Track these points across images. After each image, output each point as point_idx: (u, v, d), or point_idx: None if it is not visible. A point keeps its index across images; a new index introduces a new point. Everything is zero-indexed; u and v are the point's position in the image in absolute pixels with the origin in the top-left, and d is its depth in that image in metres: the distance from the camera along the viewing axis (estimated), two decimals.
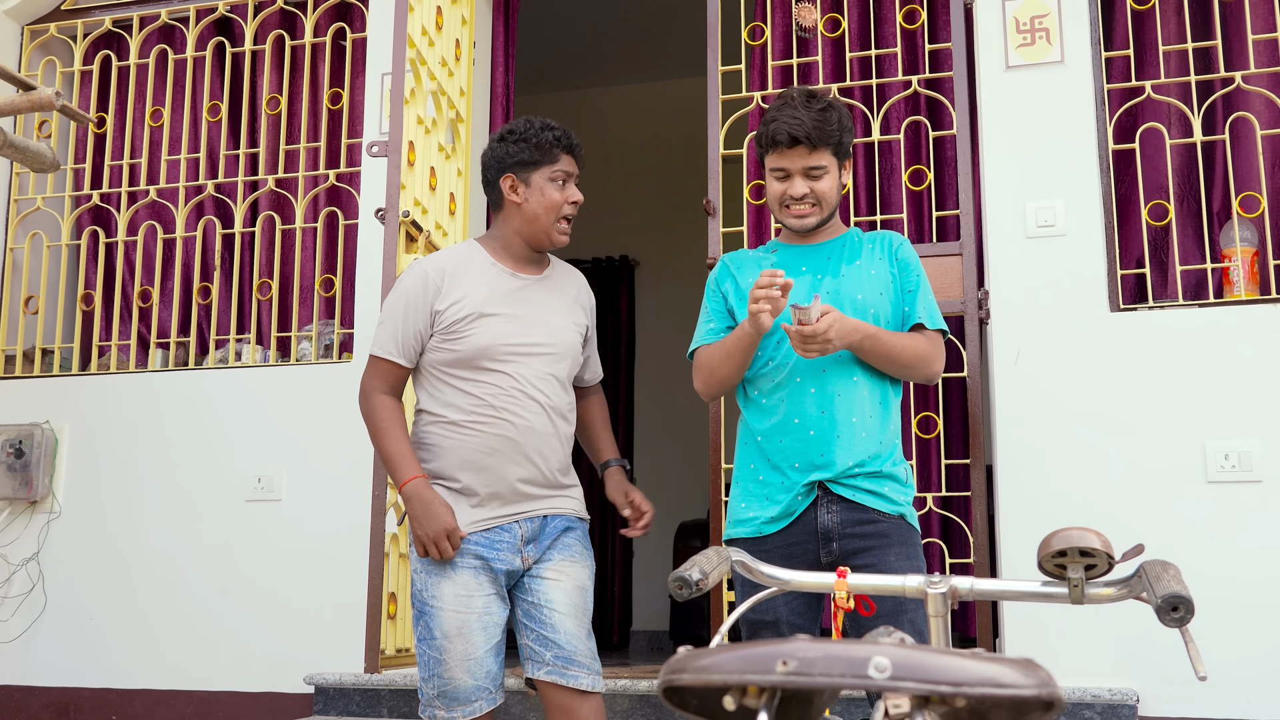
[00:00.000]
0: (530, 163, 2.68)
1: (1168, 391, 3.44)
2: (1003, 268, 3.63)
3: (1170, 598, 1.27)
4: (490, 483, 2.60)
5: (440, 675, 2.55)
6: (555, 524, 2.68)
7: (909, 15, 4.04)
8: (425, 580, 2.59)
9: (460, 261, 2.71)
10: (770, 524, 2.47)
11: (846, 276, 2.52)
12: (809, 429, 2.44)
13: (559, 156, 2.69)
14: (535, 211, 2.69)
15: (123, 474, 4.26)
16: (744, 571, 1.55)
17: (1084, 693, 3.26)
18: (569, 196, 2.71)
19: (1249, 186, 3.70)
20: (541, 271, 2.78)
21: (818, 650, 0.80)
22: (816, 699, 0.96)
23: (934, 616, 1.48)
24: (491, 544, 2.60)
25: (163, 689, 4.08)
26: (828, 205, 2.53)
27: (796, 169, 2.49)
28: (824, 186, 2.50)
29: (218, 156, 4.62)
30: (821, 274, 2.54)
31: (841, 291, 2.50)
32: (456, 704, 2.55)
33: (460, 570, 2.57)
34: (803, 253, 2.59)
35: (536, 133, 2.69)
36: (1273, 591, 3.27)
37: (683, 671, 0.84)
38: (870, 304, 2.50)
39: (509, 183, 2.71)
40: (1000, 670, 0.79)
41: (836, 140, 2.48)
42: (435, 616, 2.56)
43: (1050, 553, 1.44)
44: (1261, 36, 3.68)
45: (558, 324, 2.72)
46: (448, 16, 3.96)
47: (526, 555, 2.63)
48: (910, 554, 2.45)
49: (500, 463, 2.60)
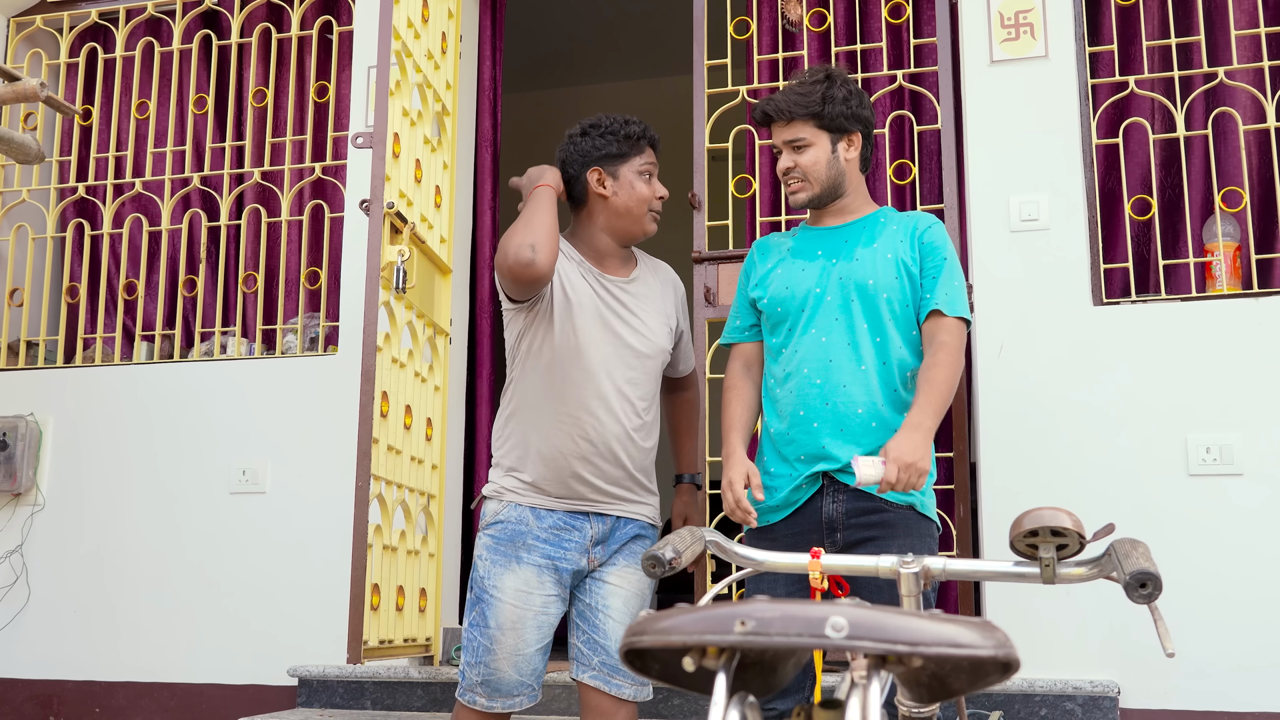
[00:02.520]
0: (618, 155, 2.64)
1: (1150, 385, 3.45)
2: (986, 262, 3.64)
3: (1138, 574, 1.28)
4: (562, 480, 2.58)
5: (487, 664, 2.53)
6: (627, 528, 2.64)
7: (894, 10, 4.05)
8: (489, 569, 2.57)
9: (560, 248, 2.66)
10: (773, 513, 2.46)
11: (860, 260, 2.48)
12: (813, 421, 2.42)
13: (644, 149, 2.66)
14: (626, 204, 2.65)
15: (107, 466, 4.25)
16: (718, 552, 1.55)
17: (1065, 685, 3.27)
18: (656, 191, 2.68)
19: (1231, 181, 3.71)
20: (629, 273, 2.73)
21: (775, 610, 0.80)
22: (781, 664, 0.96)
23: (906, 596, 1.49)
24: (560, 542, 2.57)
25: (146, 681, 4.07)
26: (816, 180, 2.50)
27: (781, 143, 2.50)
28: (806, 160, 2.48)
29: (203, 149, 4.62)
30: (835, 258, 2.50)
31: (852, 275, 2.47)
32: (498, 695, 2.53)
33: (525, 565, 2.55)
34: (821, 236, 2.57)
35: (622, 125, 2.65)
36: (1252, 584, 3.29)
37: (643, 634, 0.85)
38: (882, 288, 2.44)
39: (596, 176, 2.66)
40: (957, 631, 0.80)
41: (815, 111, 2.45)
42: (493, 606, 2.54)
43: (1022, 532, 1.45)
44: (1244, 32, 3.69)
45: (648, 325, 2.68)
46: (434, 10, 3.96)
47: (593, 556, 2.60)
48: (915, 545, 2.36)
49: (578, 462, 2.58)
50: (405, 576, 3.59)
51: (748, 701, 0.85)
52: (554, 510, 2.59)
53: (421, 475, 3.70)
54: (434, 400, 3.80)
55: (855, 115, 2.51)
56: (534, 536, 2.56)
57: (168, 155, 4.57)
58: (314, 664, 3.84)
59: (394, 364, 3.48)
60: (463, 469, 4.30)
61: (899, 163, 3.99)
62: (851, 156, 2.54)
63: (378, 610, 3.49)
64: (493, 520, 2.62)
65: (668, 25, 6.39)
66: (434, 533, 3.82)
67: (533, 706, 2.62)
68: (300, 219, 4.41)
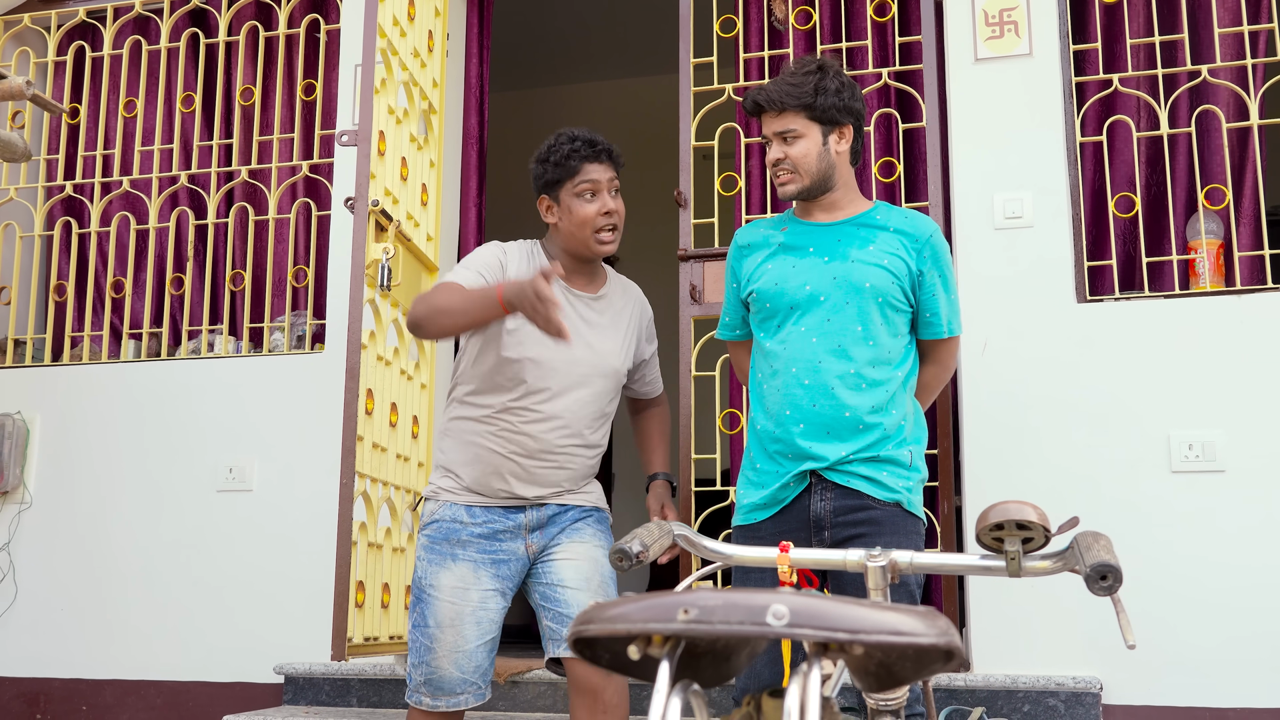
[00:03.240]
0: (554, 181, 2.64)
1: (1133, 382, 3.46)
2: (971, 259, 3.64)
3: (1098, 566, 1.29)
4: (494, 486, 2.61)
5: (429, 663, 2.55)
6: (568, 514, 2.66)
7: (880, 8, 4.06)
8: (426, 568, 2.59)
9: (527, 257, 2.69)
10: (760, 510, 2.46)
11: (855, 262, 2.44)
12: (800, 421, 2.41)
13: (579, 168, 2.61)
14: (569, 229, 2.64)
15: (94, 464, 4.25)
16: (686, 545, 1.56)
17: (1048, 681, 3.28)
18: (601, 208, 2.62)
19: (1215, 179, 3.73)
20: (597, 290, 2.72)
21: (718, 599, 0.81)
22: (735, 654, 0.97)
23: (874, 590, 1.50)
24: (494, 536, 2.59)
25: (133, 679, 4.08)
26: (806, 172, 2.46)
27: (771, 134, 2.48)
28: (796, 151, 2.45)
29: (191, 147, 4.62)
30: (830, 257, 2.46)
31: (850, 278, 2.43)
32: (441, 694, 2.55)
33: (461, 562, 2.57)
34: (813, 232, 2.52)
35: (558, 147, 2.63)
36: (1234, 580, 3.30)
37: (590, 622, 0.85)
38: (879, 291, 2.42)
39: (545, 204, 2.69)
40: (899, 619, 0.80)
41: (808, 103, 2.43)
42: (431, 604, 2.56)
43: (988, 526, 1.45)
44: (1227, 30, 3.70)
45: (605, 348, 2.68)
46: (420, 8, 3.96)
47: (531, 542, 2.61)
48: (902, 543, 2.37)
49: (511, 470, 2.60)
50: (390, 573, 3.59)
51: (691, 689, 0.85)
52: (489, 508, 2.61)
53: (407, 472, 3.71)
54: (420, 398, 3.81)
55: (847, 107, 2.48)
56: (468, 533, 2.58)
57: (155, 153, 4.57)
58: (300, 661, 3.84)
59: (379, 361, 3.49)
60: None
61: (885, 160, 4.00)
62: (842, 149, 2.50)
63: (362, 607, 3.49)
64: (429, 520, 2.66)
65: (655, 24, 6.40)
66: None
67: (516, 702, 2.63)
68: (288, 217, 4.42)
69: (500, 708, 3.62)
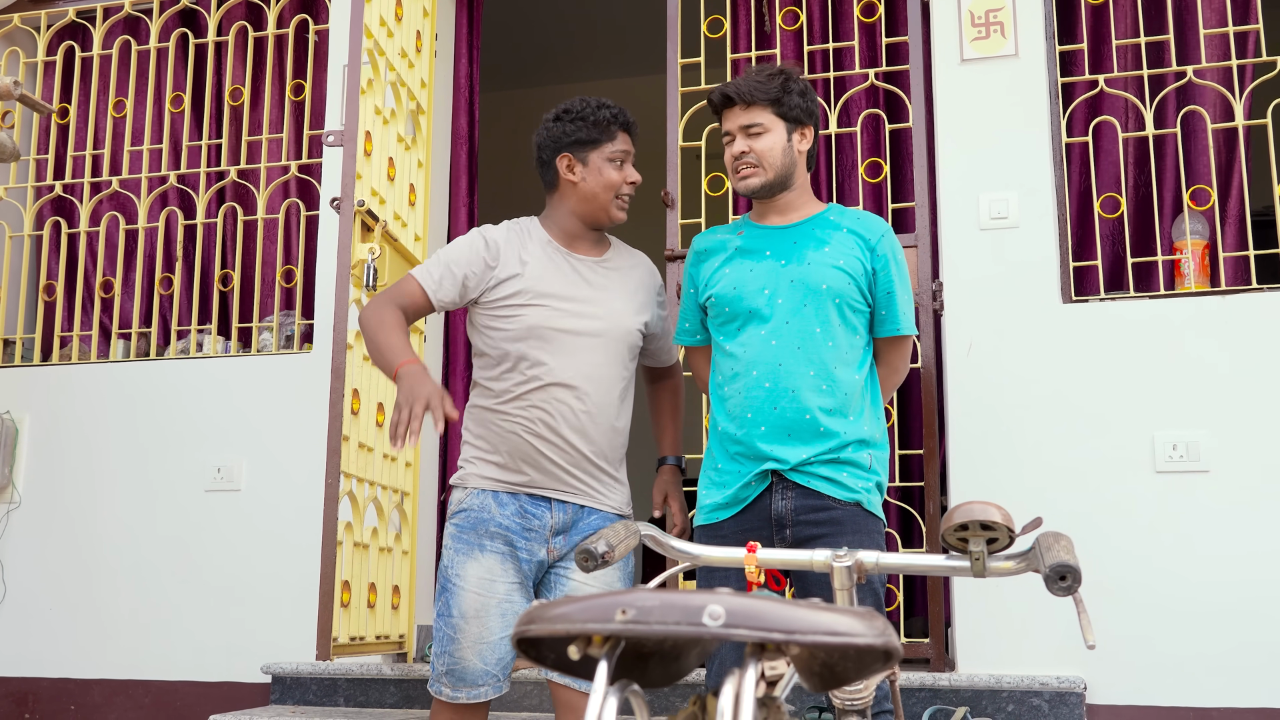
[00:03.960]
0: (588, 141, 2.65)
1: (1118, 382, 3.47)
2: (957, 259, 3.65)
3: (1057, 567, 1.29)
4: (520, 461, 2.58)
5: (451, 654, 2.54)
6: (591, 519, 2.62)
7: (867, 9, 4.06)
8: (453, 557, 2.58)
9: (520, 237, 2.68)
10: (721, 510, 2.48)
11: (812, 264, 2.47)
12: (760, 424, 2.43)
13: (616, 135, 2.66)
14: (594, 190, 2.65)
15: (83, 464, 4.26)
16: (653, 545, 1.56)
17: (1032, 680, 3.29)
18: (627, 176, 2.68)
19: (1200, 180, 3.73)
20: (601, 254, 2.73)
21: (655, 599, 0.81)
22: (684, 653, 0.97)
23: (839, 590, 1.50)
24: (522, 530, 2.57)
25: (121, 679, 4.08)
26: (770, 166, 2.49)
27: (735, 128, 2.51)
28: (762, 145, 2.48)
29: (181, 147, 4.63)
30: (786, 260, 2.49)
31: (807, 280, 2.46)
32: (463, 685, 2.53)
33: (488, 553, 2.55)
34: (768, 235, 2.55)
35: (593, 111, 2.65)
36: (1218, 580, 3.30)
37: (532, 623, 0.86)
38: (836, 293, 2.46)
39: (565, 162, 2.67)
40: (835, 619, 0.81)
41: (775, 98, 2.48)
42: (456, 594, 2.54)
43: (953, 526, 1.46)
44: (1213, 31, 3.71)
45: (613, 308, 2.66)
46: (408, 8, 3.97)
47: (553, 547, 2.59)
48: (864, 541, 2.41)
49: (541, 445, 2.57)
50: (377, 573, 3.60)
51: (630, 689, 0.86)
52: (516, 495, 2.59)
53: (395, 472, 3.71)
54: None
55: (809, 109, 2.55)
56: (496, 524, 2.56)
57: (145, 153, 4.58)
58: (287, 661, 3.84)
59: (365, 361, 3.49)
60: (438, 466, 4.31)
61: (871, 160, 4.01)
62: (803, 149, 2.56)
63: (348, 607, 3.50)
64: (457, 509, 2.64)
65: (643, 24, 6.40)
66: (408, 530, 3.82)
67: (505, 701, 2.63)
68: (277, 217, 4.42)
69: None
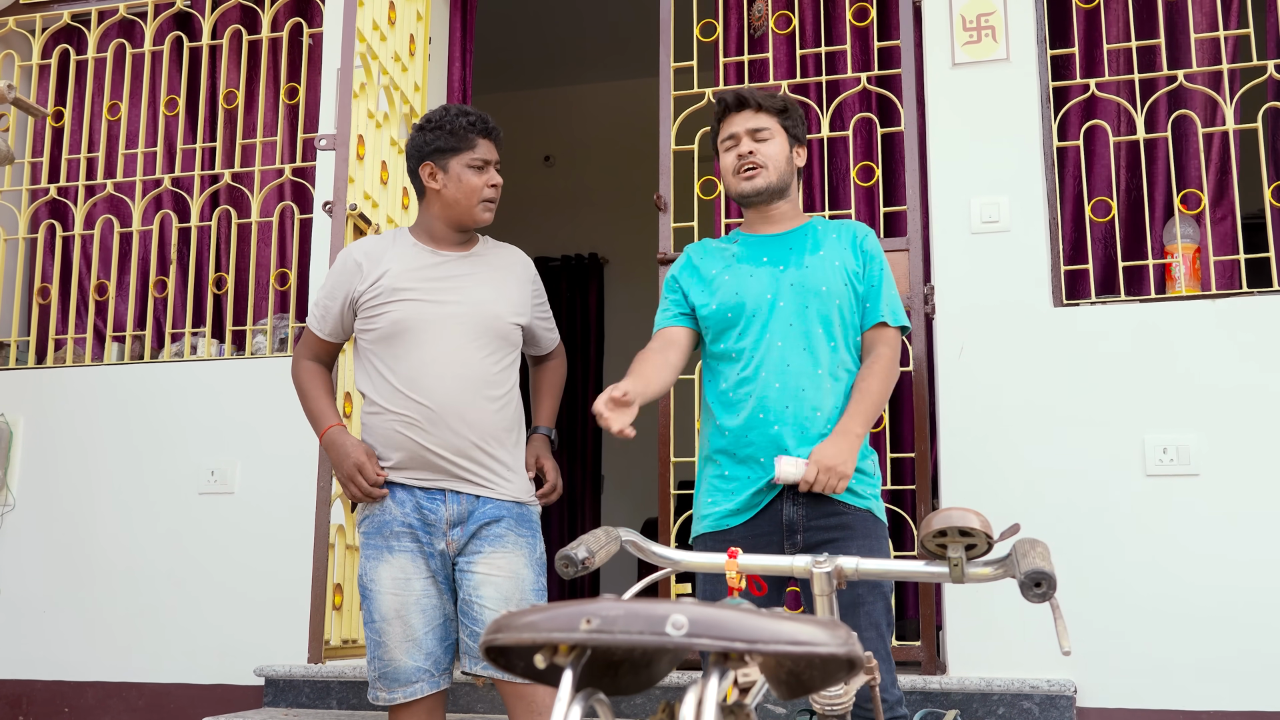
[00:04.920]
0: (447, 150, 2.71)
1: (1108, 385, 3.48)
2: (948, 263, 3.66)
3: (1032, 574, 1.30)
4: (414, 458, 2.62)
5: (380, 657, 2.58)
6: (485, 510, 2.64)
7: (859, 13, 4.07)
8: (365, 564, 2.63)
9: (385, 243, 2.77)
10: (732, 516, 2.48)
11: (810, 267, 2.53)
12: (773, 424, 2.45)
13: (475, 142, 2.72)
14: (455, 196, 2.72)
15: (78, 467, 4.26)
16: (635, 551, 1.57)
17: (1023, 684, 3.29)
18: (488, 181, 2.74)
19: (1190, 184, 3.74)
20: (468, 250, 2.79)
21: (619, 609, 0.82)
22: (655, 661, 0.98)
23: (819, 595, 1.51)
24: (423, 526, 2.61)
25: (115, 681, 4.09)
26: (775, 170, 2.56)
27: (743, 130, 2.56)
28: (770, 150, 2.56)
29: (175, 150, 4.63)
30: (784, 265, 2.54)
31: (806, 283, 2.51)
32: (397, 685, 2.56)
33: (398, 554, 2.60)
34: (764, 243, 2.60)
35: (452, 119, 2.72)
36: (1208, 583, 3.31)
37: (500, 631, 0.87)
38: (835, 295, 2.51)
39: (428, 170, 2.74)
40: (797, 629, 0.81)
41: (781, 108, 2.58)
42: (374, 599, 2.59)
43: (931, 532, 1.47)
44: (1204, 35, 3.72)
45: (480, 296, 2.71)
46: (402, 12, 3.98)
47: (451, 539, 2.62)
48: (874, 547, 2.43)
49: (420, 436, 2.61)
50: None
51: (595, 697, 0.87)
52: (411, 490, 2.62)
53: None
54: None
55: (804, 134, 2.66)
56: (399, 523, 2.61)
57: (139, 156, 4.59)
58: (280, 663, 3.85)
59: None
60: None
61: (864, 164, 4.02)
62: (799, 164, 2.66)
63: (340, 610, 3.51)
64: (361, 517, 2.69)
65: (636, 28, 6.42)
66: None
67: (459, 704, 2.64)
68: (271, 220, 4.43)
69: (479, 709, 3.63)
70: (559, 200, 7.24)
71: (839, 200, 4.10)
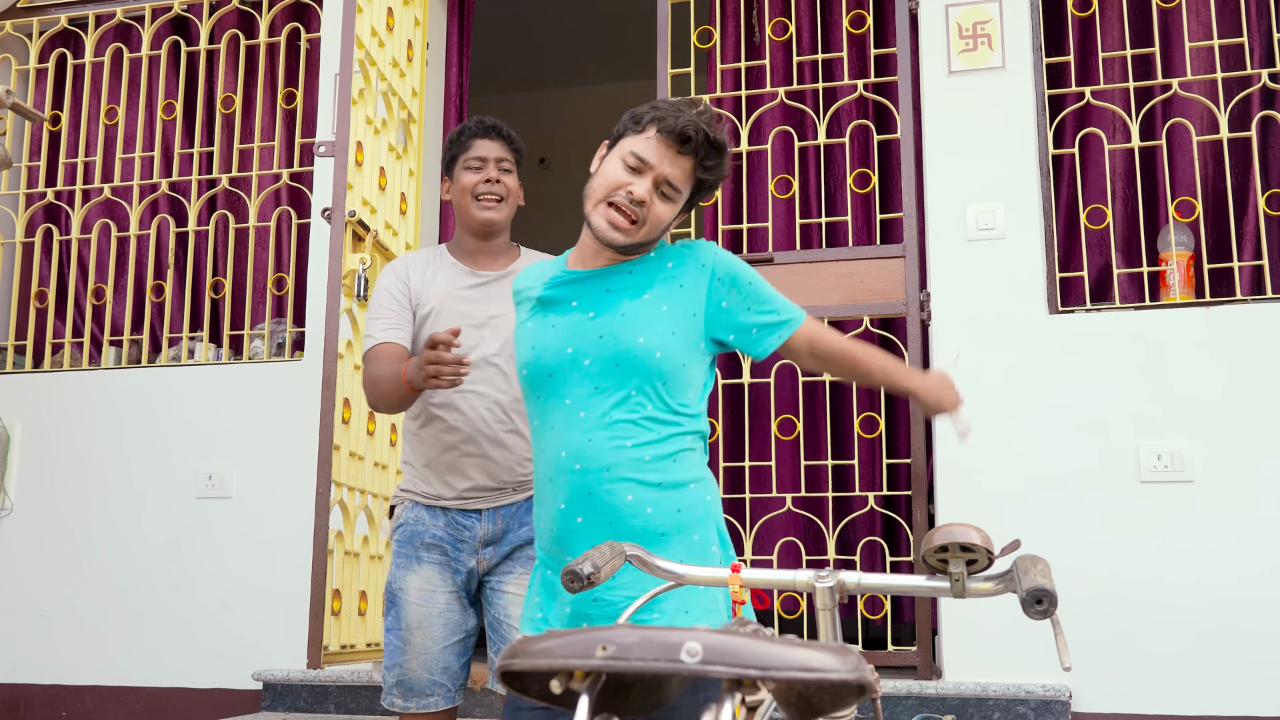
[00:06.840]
0: (451, 159, 2.75)
1: (1103, 392, 3.50)
2: (944, 270, 3.68)
3: (1034, 591, 1.32)
4: (444, 474, 2.62)
5: (400, 665, 2.59)
6: (520, 533, 2.63)
7: (855, 20, 4.09)
8: (395, 571, 2.63)
9: (426, 259, 2.76)
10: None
11: (627, 316, 1.96)
12: (576, 515, 2.04)
13: (471, 143, 2.73)
14: (457, 201, 2.74)
15: (74, 472, 4.27)
16: (639, 566, 1.58)
17: (1018, 689, 3.32)
18: (484, 177, 2.71)
19: (1185, 191, 3.77)
20: (505, 267, 2.75)
21: (635, 636, 0.84)
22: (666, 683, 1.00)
23: (821, 610, 1.52)
24: (454, 541, 2.61)
25: (112, 685, 4.09)
26: (655, 230, 1.98)
27: (659, 174, 1.95)
28: (663, 210, 1.97)
29: (172, 155, 4.64)
30: (596, 312, 1.99)
31: (618, 335, 1.94)
32: (412, 695, 2.58)
33: (426, 565, 2.60)
34: (578, 283, 2.04)
35: (458, 131, 2.75)
36: (1203, 589, 3.33)
37: (516, 656, 0.88)
38: (654, 347, 1.92)
39: (445, 185, 2.79)
40: (809, 655, 0.83)
41: (712, 166, 1.98)
42: (400, 607, 2.60)
43: (933, 548, 1.48)
44: (1198, 44, 3.74)
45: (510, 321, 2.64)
46: (400, 18, 3.99)
47: (483, 558, 2.62)
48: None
49: (454, 460, 2.61)
50: (368, 581, 3.61)
51: None
52: (447, 509, 2.63)
53: (385, 481, 3.73)
54: None
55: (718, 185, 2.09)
56: (430, 535, 2.61)
57: (136, 161, 4.59)
58: (278, 668, 3.86)
59: (357, 371, 3.51)
60: None
61: (860, 171, 4.04)
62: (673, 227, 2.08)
63: (339, 615, 3.52)
64: (397, 524, 2.69)
65: (633, 33, 6.44)
66: None
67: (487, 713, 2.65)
68: (268, 225, 4.44)
69: (476, 714, 3.65)
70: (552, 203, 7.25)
71: (835, 207, 4.12)
